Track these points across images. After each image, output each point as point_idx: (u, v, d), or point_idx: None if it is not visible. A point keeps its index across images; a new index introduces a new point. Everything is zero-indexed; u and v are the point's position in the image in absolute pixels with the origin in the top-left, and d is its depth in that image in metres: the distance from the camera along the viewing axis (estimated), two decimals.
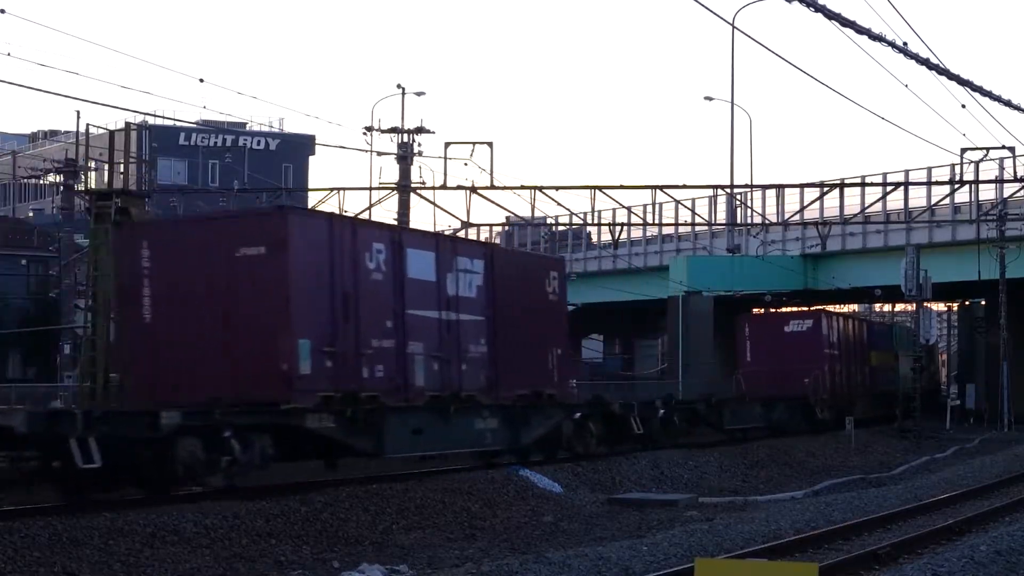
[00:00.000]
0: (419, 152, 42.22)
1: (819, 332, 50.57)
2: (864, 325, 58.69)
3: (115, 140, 28.35)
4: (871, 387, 56.76)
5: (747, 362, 49.89)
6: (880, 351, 59.27)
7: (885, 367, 59.27)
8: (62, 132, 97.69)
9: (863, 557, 17.06)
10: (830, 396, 49.90)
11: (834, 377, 51.05)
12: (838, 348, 51.92)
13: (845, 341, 53.25)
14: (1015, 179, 44.92)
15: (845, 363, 53.04)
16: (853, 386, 53.95)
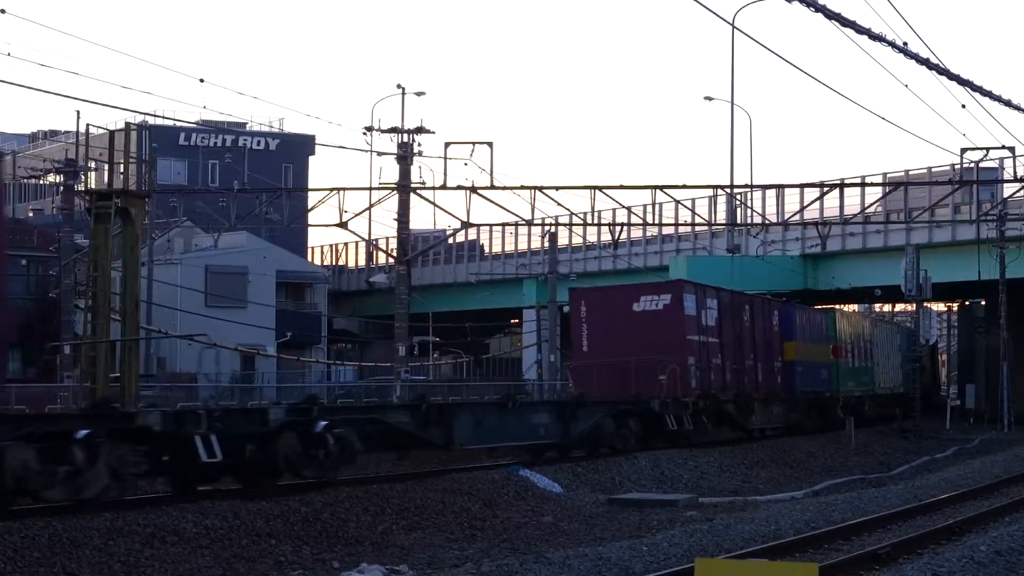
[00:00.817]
0: (419, 152, 42.16)
1: (680, 311, 37.52)
2: (771, 307, 45.69)
3: (115, 140, 28.33)
4: (786, 389, 45.20)
5: (582, 352, 37.87)
6: (804, 343, 47.27)
7: (812, 364, 47.87)
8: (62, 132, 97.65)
9: (863, 557, 17.06)
10: (703, 399, 37.74)
11: (709, 374, 38.66)
12: (718, 334, 39.72)
13: (733, 326, 41.20)
14: (1015, 179, 44.95)
15: (733, 355, 40.84)
16: (748, 386, 41.95)
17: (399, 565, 17.40)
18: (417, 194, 41.86)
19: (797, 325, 46.75)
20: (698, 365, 37.74)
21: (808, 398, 47.33)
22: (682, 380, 36.40)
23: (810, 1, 15.82)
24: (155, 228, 67.48)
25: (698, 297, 38.77)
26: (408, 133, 42.07)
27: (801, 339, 46.75)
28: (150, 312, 57.08)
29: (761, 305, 44.50)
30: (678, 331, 37.07)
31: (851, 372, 52.93)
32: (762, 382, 43.26)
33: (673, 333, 36.84)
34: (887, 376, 59.37)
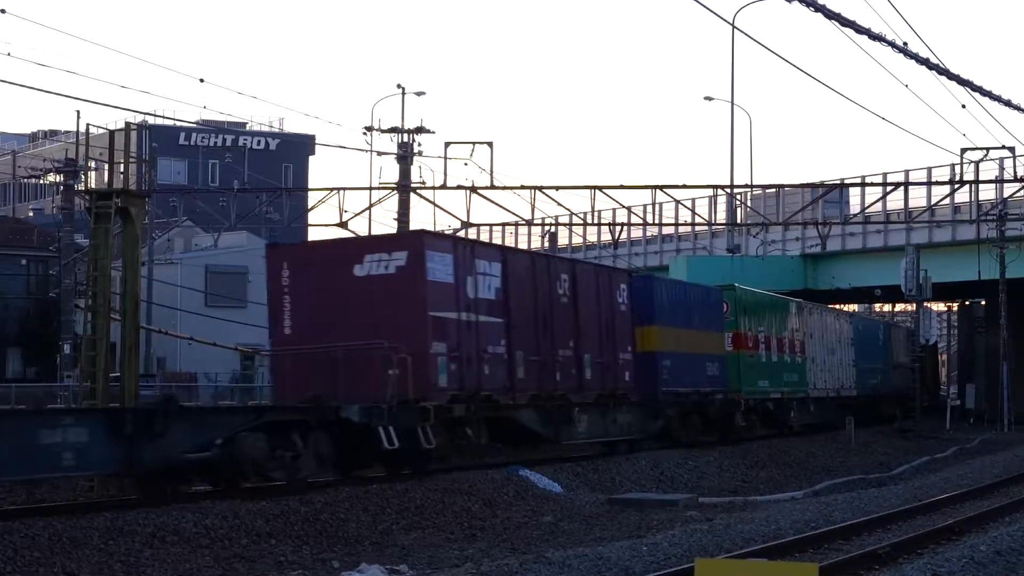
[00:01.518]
0: (419, 152, 42.23)
1: (420, 276, 25.45)
2: (615, 279, 33.34)
3: (115, 140, 28.31)
4: (641, 389, 33.38)
5: (283, 335, 26.48)
6: (677, 328, 35.60)
7: (691, 356, 36.36)
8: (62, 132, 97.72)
9: (863, 557, 17.06)
10: (468, 402, 26.33)
11: (478, 367, 26.75)
12: (502, 312, 27.74)
13: (536, 301, 29.02)
14: (1015, 179, 44.94)
15: (533, 342, 28.69)
16: (562, 385, 29.74)
17: (399, 565, 17.40)
18: (417, 194, 41.89)
19: (662, 305, 34.95)
20: (454, 354, 25.82)
21: (682, 401, 35.91)
22: (420, 375, 24.58)
23: (810, 1, 15.83)
24: (155, 228, 67.53)
25: (458, 257, 26.51)
26: (408, 133, 42.11)
27: (671, 323, 35.14)
28: (150, 312, 57.10)
29: (594, 276, 32.31)
30: (416, 304, 25.33)
31: (764, 368, 42.13)
32: (592, 380, 30.92)
33: (409, 307, 25.31)
34: (831, 375, 49.86)
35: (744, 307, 40.96)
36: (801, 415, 45.64)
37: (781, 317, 44.69)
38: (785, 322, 44.76)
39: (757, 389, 41.31)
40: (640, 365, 33.42)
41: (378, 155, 42.70)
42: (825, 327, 49.77)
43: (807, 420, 46.26)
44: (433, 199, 41.92)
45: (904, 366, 60.92)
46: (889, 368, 60.00)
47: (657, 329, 34.52)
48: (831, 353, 50.07)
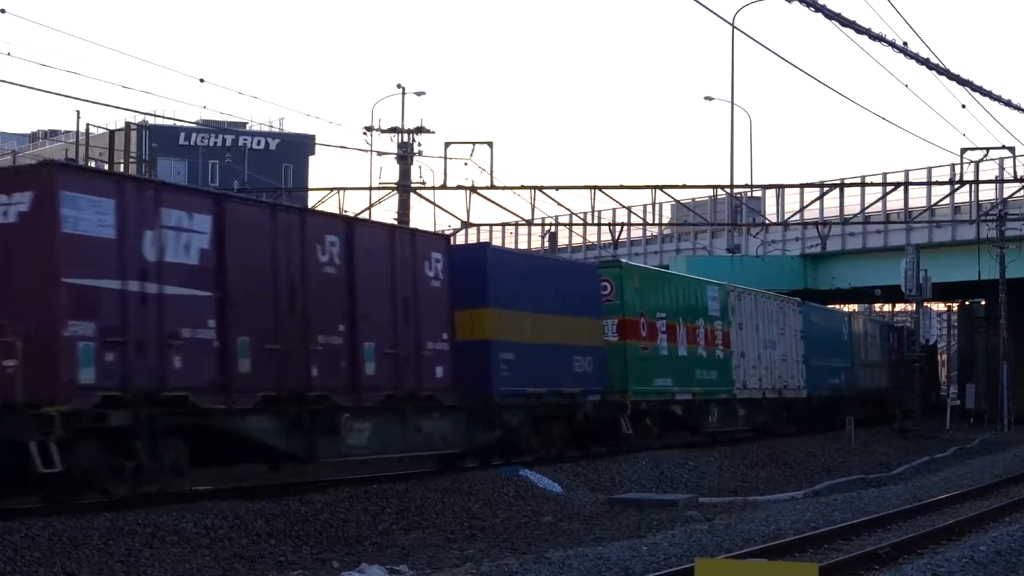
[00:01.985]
0: (419, 152, 42.23)
1: (53, 226, 18.30)
2: (422, 245, 25.71)
3: (115, 140, 28.36)
4: (461, 388, 25.99)
5: None
6: (523, 313, 28.24)
7: (547, 348, 28.87)
8: (62, 132, 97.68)
9: (863, 557, 17.06)
10: (138, 406, 19.08)
11: (165, 357, 19.52)
12: (214, 282, 20.58)
13: (275, 268, 21.78)
14: (1015, 179, 44.96)
15: (269, 324, 21.47)
16: (321, 381, 22.30)
17: (399, 565, 17.40)
18: (417, 194, 41.91)
19: (501, 282, 27.56)
20: (113, 339, 18.61)
21: (533, 405, 28.57)
22: (43, 366, 17.90)
23: (810, 1, 15.83)
24: None
25: (126, 203, 19.21)
26: (408, 133, 42.12)
27: (517, 306, 27.93)
28: None
29: (387, 240, 24.76)
30: (42, 266, 18.41)
31: (666, 364, 34.64)
32: (377, 376, 23.77)
33: (31, 269, 18.41)
34: (770, 373, 42.18)
35: (635, 289, 33.24)
36: (725, 420, 38.63)
37: (695, 302, 36.98)
38: (701, 309, 37.21)
39: (653, 389, 33.61)
40: (464, 358, 25.97)
41: (378, 155, 42.73)
42: (762, 316, 42.29)
43: (735, 426, 39.68)
44: (433, 199, 41.97)
45: (879, 365, 57.28)
46: (857, 367, 53.22)
47: (493, 312, 27.04)
48: (769, 347, 42.35)
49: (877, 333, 58.92)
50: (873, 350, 56.91)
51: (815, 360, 46.53)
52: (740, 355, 39.69)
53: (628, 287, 32.92)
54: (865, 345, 55.74)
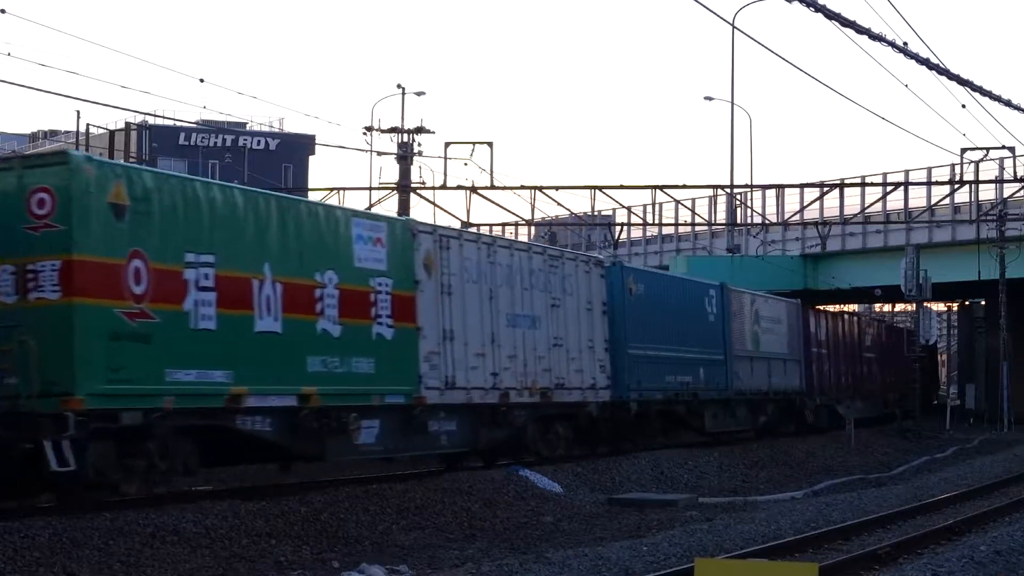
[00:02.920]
0: (419, 152, 42.20)
1: None
2: None
3: (115, 140, 28.36)
4: None
5: None
6: None
7: None
8: (62, 132, 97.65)
9: (863, 557, 17.07)
10: None
11: None
12: None
13: None
14: (1015, 179, 44.97)
15: None
16: None
17: (399, 565, 17.40)
18: (417, 194, 41.89)
19: None
20: None
21: None
22: None
23: (810, 1, 15.82)
24: None
25: None
26: (408, 133, 42.10)
27: None
28: None
29: None
30: None
31: (206, 345, 19.97)
32: None
33: None
34: (525, 366, 27.99)
35: (124, 203, 18.68)
36: (396, 439, 24.26)
37: (313, 242, 22.08)
38: (331, 254, 22.45)
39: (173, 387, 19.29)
40: None
41: (378, 155, 42.69)
42: (504, 277, 27.66)
43: (427, 448, 25.81)
44: (433, 199, 41.97)
45: (784, 359, 43.80)
46: (728, 359, 38.54)
47: None
48: (523, 326, 28.07)
49: (783, 315, 44.39)
50: (772, 337, 42.88)
51: (638, 348, 32.98)
52: (442, 335, 25.41)
53: (85, 201, 18.14)
54: (753, 330, 41.29)
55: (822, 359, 48.42)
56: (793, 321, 44.94)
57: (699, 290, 38.14)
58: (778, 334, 43.33)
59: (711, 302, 37.99)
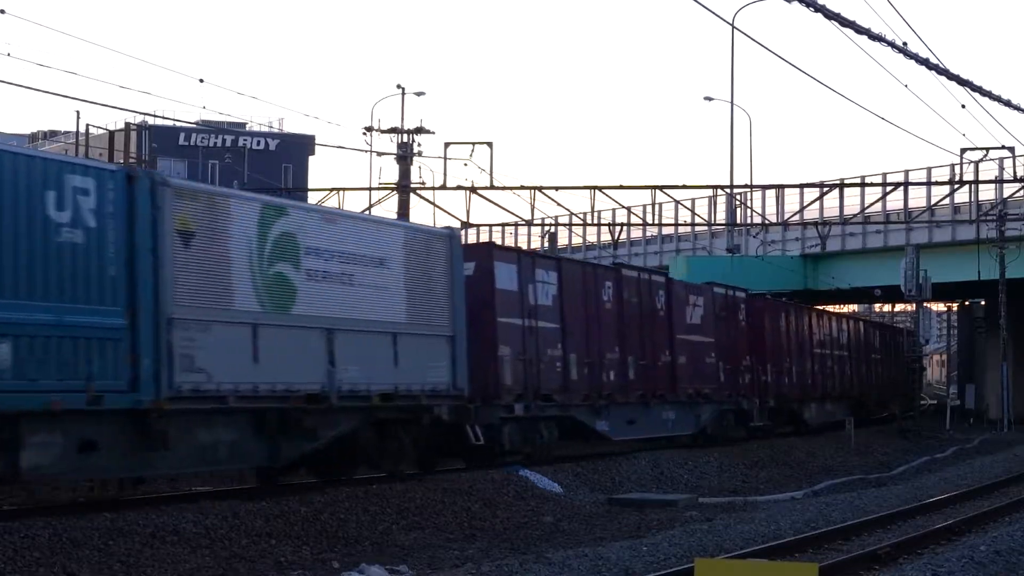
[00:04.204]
0: (419, 152, 42.19)
1: None
2: None
3: (115, 140, 28.36)
4: None
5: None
6: None
7: None
8: (62, 132, 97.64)
9: (863, 557, 17.07)
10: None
11: None
12: None
13: None
14: (1015, 179, 44.95)
15: None
16: None
17: (399, 565, 17.40)
18: (417, 194, 41.88)
19: None
20: None
21: None
22: None
23: (810, 1, 15.81)
24: None
25: None
26: (408, 133, 42.10)
27: None
28: None
29: None
30: None
31: None
32: None
33: None
34: None
35: None
36: None
37: None
38: None
39: None
40: None
41: (378, 155, 42.68)
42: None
43: None
44: (433, 199, 41.95)
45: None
46: None
47: None
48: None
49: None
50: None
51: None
52: None
53: None
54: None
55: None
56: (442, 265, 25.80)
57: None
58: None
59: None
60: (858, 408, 53.51)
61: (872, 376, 58.07)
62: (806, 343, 47.65)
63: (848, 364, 53.59)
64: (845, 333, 53.99)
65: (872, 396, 57.53)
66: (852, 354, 54.54)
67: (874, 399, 57.77)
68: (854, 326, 56.98)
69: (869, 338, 59.20)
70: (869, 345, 58.71)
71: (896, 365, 62.00)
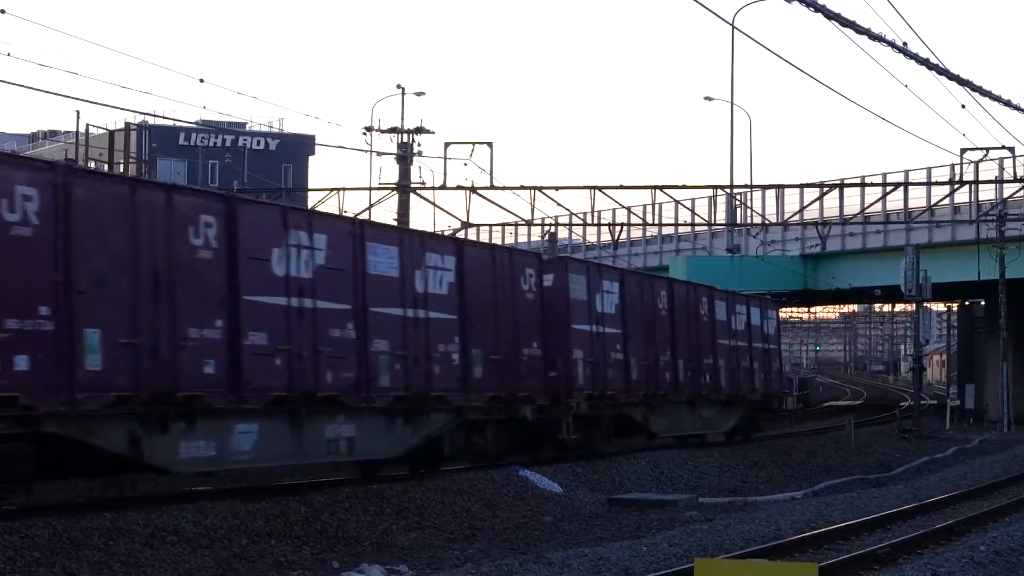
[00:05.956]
0: (419, 152, 42.23)
1: None
2: None
3: (115, 140, 28.36)
4: None
5: None
6: None
7: None
8: (62, 132, 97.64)
9: (863, 557, 17.08)
10: None
11: None
12: None
13: None
14: (1015, 179, 44.95)
15: None
16: None
17: (399, 565, 17.40)
18: (417, 194, 41.90)
19: None
20: None
21: None
22: None
23: (810, 1, 15.81)
24: None
25: None
26: (408, 133, 42.12)
27: None
28: None
29: None
30: None
31: None
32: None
33: None
34: None
35: None
36: None
37: None
38: None
39: None
40: None
41: (378, 155, 42.74)
42: None
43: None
44: (433, 199, 41.98)
45: None
46: None
47: None
48: None
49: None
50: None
51: None
52: None
53: None
54: None
55: None
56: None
57: None
58: None
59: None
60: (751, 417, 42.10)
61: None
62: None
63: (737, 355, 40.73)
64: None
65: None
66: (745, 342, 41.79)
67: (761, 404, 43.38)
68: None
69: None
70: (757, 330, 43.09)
71: None
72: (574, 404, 29.59)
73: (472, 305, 25.95)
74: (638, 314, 33.53)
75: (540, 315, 28.58)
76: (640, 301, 33.84)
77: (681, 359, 35.84)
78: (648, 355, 33.88)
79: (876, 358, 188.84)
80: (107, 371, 18.00)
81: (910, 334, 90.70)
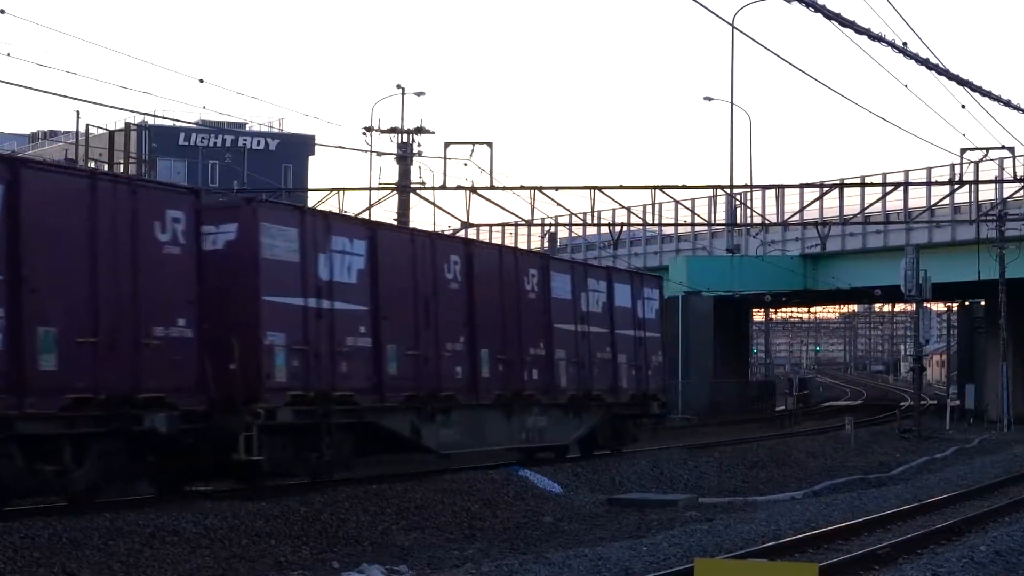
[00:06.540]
0: (419, 152, 42.23)
1: None
2: None
3: (115, 140, 28.35)
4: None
5: None
6: None
7: None
8: (62, 132, 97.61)
9: (863, 557, 17.08)
10: None
11: None
12: None
13: None
14: (1015, 179, 44.95)
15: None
16: None
17: (399, 565, 17.40)
18: (417, 194, 41.89)
19: None
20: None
21: None
22: None
23: (810, 1, 15.81)
24: None
25: None
26: (408, 133, 42.12)
27: None
28: None
29: None
30: None
31: None
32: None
33: None
34: None
35: None
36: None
37: None
38: None
39: None
40: None
41: (378, 155, 42.73)
42: None
43: None
44: (433, 199, 41.96)
45: None
46: None
47: None
48: None
49: None
50: None
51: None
52: None
53: None
54: None
55: None
56: None
57: None
58: None
59: None
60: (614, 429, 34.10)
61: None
62: None
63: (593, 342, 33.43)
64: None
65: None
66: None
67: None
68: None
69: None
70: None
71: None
72: (261, 410, 20.75)
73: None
74: (406, 286, 24.97)
75: (198, 281, 19.95)
76: (411, 268, 25.21)
77: (485, 348, 27.22)
78: (422, 342, 25.23)
79: (876, 358, 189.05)
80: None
81: (910, 334, 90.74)
